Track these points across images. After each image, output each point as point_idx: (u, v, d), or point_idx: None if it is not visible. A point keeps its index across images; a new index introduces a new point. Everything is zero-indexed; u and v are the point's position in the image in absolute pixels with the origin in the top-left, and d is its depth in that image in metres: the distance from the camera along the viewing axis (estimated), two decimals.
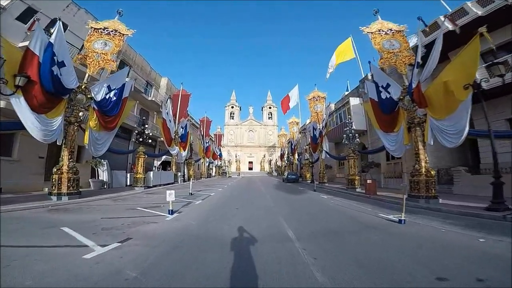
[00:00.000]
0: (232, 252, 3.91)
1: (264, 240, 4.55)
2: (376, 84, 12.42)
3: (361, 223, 6.39)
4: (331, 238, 4.86)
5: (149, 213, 7.61)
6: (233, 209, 8.21)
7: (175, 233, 5.10)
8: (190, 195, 12.32)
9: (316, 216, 7.23)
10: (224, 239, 4.58)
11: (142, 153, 15.66)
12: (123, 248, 4.09)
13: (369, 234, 5.23)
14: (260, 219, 6.56)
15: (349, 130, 15.84)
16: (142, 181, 15.19)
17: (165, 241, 4.51)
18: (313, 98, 25.34)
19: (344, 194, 13.93)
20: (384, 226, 6.12)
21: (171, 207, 7.34)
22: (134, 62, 23.63)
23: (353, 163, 15.36)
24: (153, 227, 5.68)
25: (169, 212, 7.27)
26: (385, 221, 6.69)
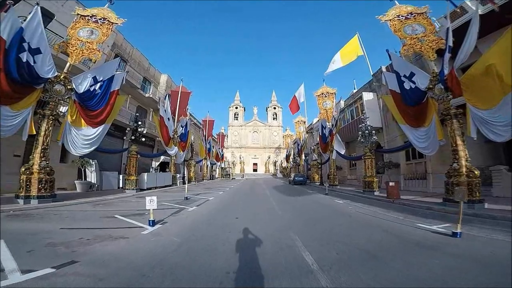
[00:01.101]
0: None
1: (274, 274, 2.99)
2: (397, 74, 10.88)
3: (402, 239, 4.79)
4: (369, 265, 3.31)
5: (125, 224, 6.13)
6: (232, 219, 6.67)
7: (144, 257, 3.59)
8: (185, 200, 10.83)
9: (339, 230, 5.61)
10: (215, 273, 3.04)
11: (135, 153, 14.26)
12: (51, 278, 2.71)
13: (421, 257, 3.70)
14: (265, 235, 4.99)
15: (365, 126, 14.18)
16: (134, 183, 13.77)
17: (122, 271, 3.01)
18: (322, 95, 23.71)
19: (361, 198, 12.26)
20: (435, 242, 4.57)
21: (152, 217, 5.86)
22: (130, 57, 22.47)
23: (370, 164, 13.68)
24: (117, 246, 4.18)
25: (150, 223, 5.79)
26: (432, 235, 5.15)
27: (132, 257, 3.59)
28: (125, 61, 21.73)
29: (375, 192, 13.17)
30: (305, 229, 5.52)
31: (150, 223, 5.81)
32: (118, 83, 11.79)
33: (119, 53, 20.92)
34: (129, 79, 20.12)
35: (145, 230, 5.37)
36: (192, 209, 8.35)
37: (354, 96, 22.97)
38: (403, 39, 10.89)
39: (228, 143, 74.76)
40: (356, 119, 21.18)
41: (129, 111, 20.51)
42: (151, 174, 16.96)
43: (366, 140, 13.99)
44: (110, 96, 11.41)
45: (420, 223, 6.33)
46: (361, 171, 22.35)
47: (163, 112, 18.94)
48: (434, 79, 9.42)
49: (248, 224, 5.94)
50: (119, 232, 5.14)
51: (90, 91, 10.66)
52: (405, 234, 5.21)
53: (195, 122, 37.60)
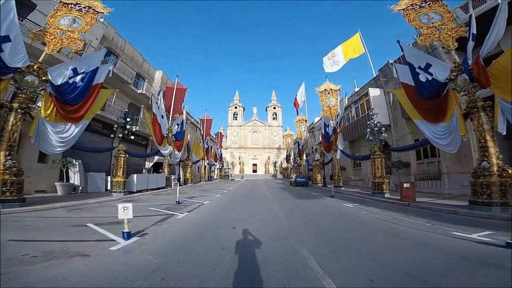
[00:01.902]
0: None
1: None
2: (411, 66, 9.95)
3: (444, 253, 3.83)
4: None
5: (95, 235, 5.09)
6: (228, 230, 5.57)
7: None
8: (176, 204, 9.73)
9: (360, 243, 4.52)
10: None
11: (123, 152, 13.14)
12: None
13: (482, 277, 2.69)
14: (269, 252, 3.90)
15: (374, 123, 13.12)
16: (121, 186, 12.64)
17: None
18: (325, 91, 22.68)
19: (372, 201, 11.18)
20: (488, 255, 3.67)
21: (126, 228, 4.77)
22: (122, 51, 21.39)
23: (380, 163, 12.60)
24: (67, 268, 3.17)
25: (124, 236, 4.70)
26: (479, 246, 4.25)
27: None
28: (116, 55, 20.64)
29: (386, 194, 12.11)
30: (318, 243, 4.42)
31: (124, 235, 4.74)
32: (103, 76, 10.77)
33: (110, 47, 19.83)
34: (120, 74, 19.08)
35: (115, 245, 4.32)
36: (181, 216, 7.25)
37: (359, 93, 21.91)
38: (419, 29, 10.21)
39: (227, 144, 73.68)
40: (362, 117, 20.13)
41: (119, 108, 19.41)
42: (142, 175, 15.83)
43: (375, 137, 12.93)
44: (92, 90, 10.44)
45: (454, 230, 5.36)
46: (366, 171, 21.33)
47: (156, 109, 17.85)
48: (456, 69, 8.55)
49: (248, 237, 4.86)
50: (81, 247, 4.11)
51: (69, 83, 9.70)
52: (445, 246, 4.22)
53: (192, 121, 36.47)
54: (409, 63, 10.03)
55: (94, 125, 16.91)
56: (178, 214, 7.52)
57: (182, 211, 8.18)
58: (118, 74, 18.67)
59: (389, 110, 17.46)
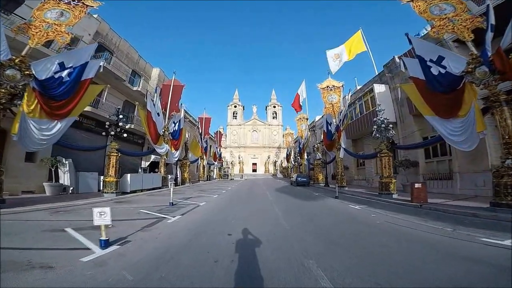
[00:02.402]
0: None
1: None
2: (421, 59, 9.35)
3: (482, 264, 3.16)
4: None
5: (69, 242, 4.51)
6: (223, 237, 4.90)
7: None
8: (169, 206, 9.04)
9: (380, 255, 3.83)
10: None
11: (115, 151, 12.47)
12: None
13: None
14: (271, 267, 3.22)
15: (380, 120, 12.43)
16: (114, 186, 11.97)
17: None
18: (327, 88, 21.96)
19: (380, 203, 10.50)
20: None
21: (103, 235, 4.13)
22: (117, 48, 20.79)
23: (388, 162, 11.90)
24: (22, 284, 2.47)
25: (101, 244, 4.05)
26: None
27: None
28: (111, 52, 20.04)
29: (394, 195, 11.42)
30: (330, 256, 3.73)
31: (101, 243, 4.09)
32: (93, 72, 10.12)
33: (104, 43, 19.22)
34: (115, 71, 18.46)
35: (88, 255, 3.70)
36: (173, 220, 6.57)
37: (362, 90, 21.23)
38: (431, 21, 9.73)
39: (226, 143, 72.96)
40: (366, 114, 19.44)
41: (114, 105, 18.75)
42: (136, 175, 15.14)
43: (382, 135, 12.24)
44: (80, 86, 9.84)
45: (481, 236, 4.76)
46: (370, 171, 20.67)
47: (151, 106, 17.17)
48: (474, 61, 7.92)
49: (246, 247, 4.19)
50: (48, 257, 3.54)
51: (54, 78, 9.14)
52: (479, 255, 3.60)
53: (190, 119, 35.79)
54: (419, 56, 9.44)
55: (87, 123, 16.26)
56: (170, 218, 6.84)
57: (175, 214, 7.50)
58: (112, 70, 18.05)
59: (395, 107, 16.78)
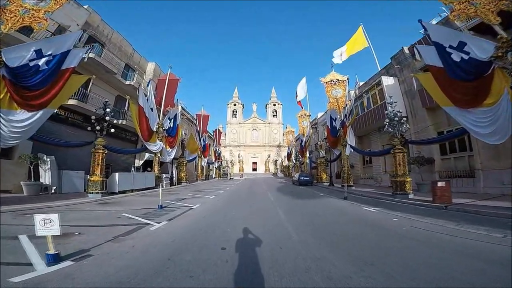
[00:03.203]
0: None
1: None
2: (439, 45, 8.44)
3: None
4: None
5: (12, 254, 3.44)
6: (215, 252, 3.78)
7: None
8: (158, 209, 7.93)
9: (427, 273, 2.71)
10: None
11: (101, 148, 11.36)
12: None
13: None
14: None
15: (393, 113, 11.31)
16: (99, 186, 10.86)
17: None
18: (331, 82, 20.82)
19: (396, 204, 9.38)
20: None
21: (51, 248, 3.08)
22: (109, 40, 19.75)
23: (402, 159, 10.78)
24: None
25: (48, 260, 2.98)
26: None
27: None
28: (102, 44, 18.98)
29: (409, 195, 10.32)
30: (359, 280, 2.61)
31: (48, 259, 3.01)
32: (76, 60, 9.18)
33: (94, 35, 18.22)
34: (105, 64, 17.35)
35: (25, 274, 2.73)
36: (156, 227, 5.44)
37: (368, 83, 20.08)
38: (449, 4, 8.79)
39: (226, 142, 71.86)
40: (373, 109, 18.31)
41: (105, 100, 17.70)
42: (126, 174, 13.97)
43: (396, 129, 11.11)
44: (60, 75, 8.89)
45: None
46: (378, 169, 19.54)
47: (144, 101, 16.04)
48: (505, 45, 7.00)
49: (243, 267, 3.07)
50: None
51: (28, 66, 8.23)
52: None
53: (188, 117, 34.66)
54: (436, 43, 8.51)
55: (73, 117, 15.15)
56: (154, 224, 5.71)
57: (161, 219, 6.37)
58: (102, 63, 16.94)
59: (405, 100, 15.63)
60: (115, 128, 12.40)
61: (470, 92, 8.14)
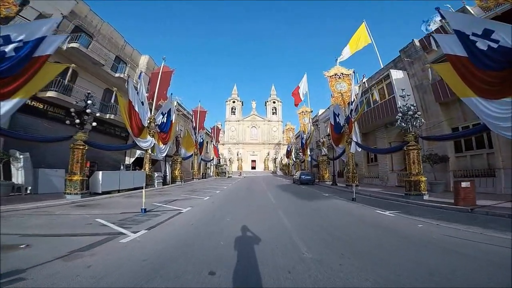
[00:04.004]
0: None
1: None
2: (461, 33, 7.82)
3: None
4: None
5: None
6: (198, 280, 2.75)
7: None
8: (139, 214, 6.90)
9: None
10: None
11: (82, 143, 10.31)
12: None
13: None
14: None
15: (406, 106, 10.33)
16: (78, 186, 9.82)
17: None
18: (335, 76, 19.78)
19: (411, 206, 8.39)
20: None
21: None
22: (98, 32, 18.74)
23: (416, 157, 9.79)
24: None
25: None
26: None
27: None
28: (90, 35, 17.94)
29: (425, 196, 9.35)
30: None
31: None
32: (51, 48, 8.39)
33: (82, 25, 17.15)
34: (91, 55, 16.31)
35: None
36: (129, 239, 4.41)
37: (373, 78, 19.06)
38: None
39: (225, 139, 70.80)
40: (380, 104, 17.28)
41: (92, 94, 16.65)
42: (111, 173, 12.87)
43: (409, 124, 10.13)
44: (32, 63, 7.95)
45: None
46: (384, 167, 18.55)
47: (134, 93, 15.01)
48: None
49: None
50: None
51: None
52: None
53: (184, 113, 33.54)
54: (458, 31, 7.92)
55: (54, 111, 14.03)
56: (128, 234, 4.68)
57: (140, 227, 5.35)
58: (88, 54, 15.88)
59: (415, 95, 14.62)
60: (102, 123, 11.41)
61: (498, 82, 7.41)
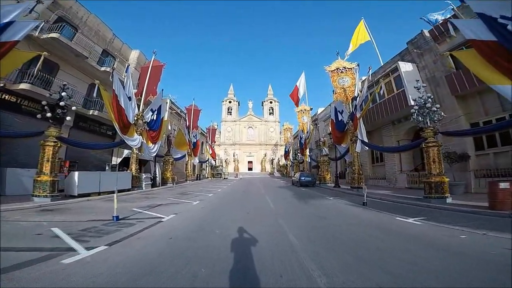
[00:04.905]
0: None
1: None
2: (487, 17, 7.30)
3: None
4: None
5: None
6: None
7: None
8: (112, 222, 5.65)
9: None
10: None
11: (53, 139, 9.05)
12: None
13: None
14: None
15: (423, 98, 9.24)
16: (48, 188, 8.55)
17: None
18: (337, 70, 18.65)
19: (436, 211, 7.25)
20: None
21: None
22: (84, 23, 17.73)
23: (437, 154, 8.66)
24: None
25: None
26: None
27: None
28: (75, 27, 16.86)
29: (448, 199, 8.23)
30: None
31: None
32: (20, 34, 7.71)
33: (65, 16, 16.01)
34: (75, 47, 15.13)
35: None
36: (75, 259, 3.15)
37: (377, 73, 18.01)
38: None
39: (221, 140, 69.50)
40: (387, 99, 16.20)
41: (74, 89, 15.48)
42: (89, 173, 11.51)
43: (427, 118, 9.02)
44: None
45: None
46: (392, 168, 17.43)
47: (119, 87, 13.73)
48: None
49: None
50: None
51: None
52: None
53: (177, 111, 32.25)
54: (482, 15, 7.42)
55: (29, 106, 12.68)
56: (79, 251, 3.42)
57: (101, 240, 4.10)
58: (69, 45, 14.67)
59: (427, 88, 13.56)
60: (86, 120, 10.20)
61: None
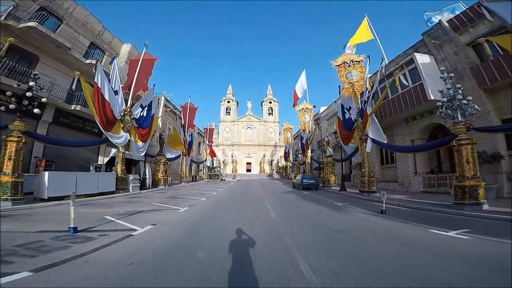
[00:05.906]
0: None
1: None
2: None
3: None
4: None
5: None
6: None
7: None
8: (68, 235, 4.37)
9: None
10: None
11: (18, 134, 7.77)
12: None
13: None
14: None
15: (452, 90, 8.06)
16: (9, 190, 7.27)
17: None
18: (344, 64, 17.41)
19: (475, 220, 6.00)
20: None
21: None
22: (70, 15, 16.86)
23: (470, 153, 7.43)
24: None
25: None
26: None
27: None
28: (60, 18, 15.88)
29: (484, 206, 7.00)
30: None
31: None
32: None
33: (48, 6, 14.98)
34: (58, 38, 14.09)
35: None
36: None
37: (388, 67, 16.80)
38: None
39: (219, 141, 68.30)
40: (405, 92, 14.89)
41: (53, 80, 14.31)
42: (63, 174, 10.09)
43: (457, 112, 7.82)
44: None
45: None
46: (406, 169, 16.14)
47: (103, 80, 12.46)
48: None
49: None
50: None
51: None
52: None
53: (172, 109, 30.93)
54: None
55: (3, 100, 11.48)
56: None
57: (24, 267, 2.82)
58: (49, 35, 13.55)
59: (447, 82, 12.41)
60: (68, 115, 8.97)
61: None
